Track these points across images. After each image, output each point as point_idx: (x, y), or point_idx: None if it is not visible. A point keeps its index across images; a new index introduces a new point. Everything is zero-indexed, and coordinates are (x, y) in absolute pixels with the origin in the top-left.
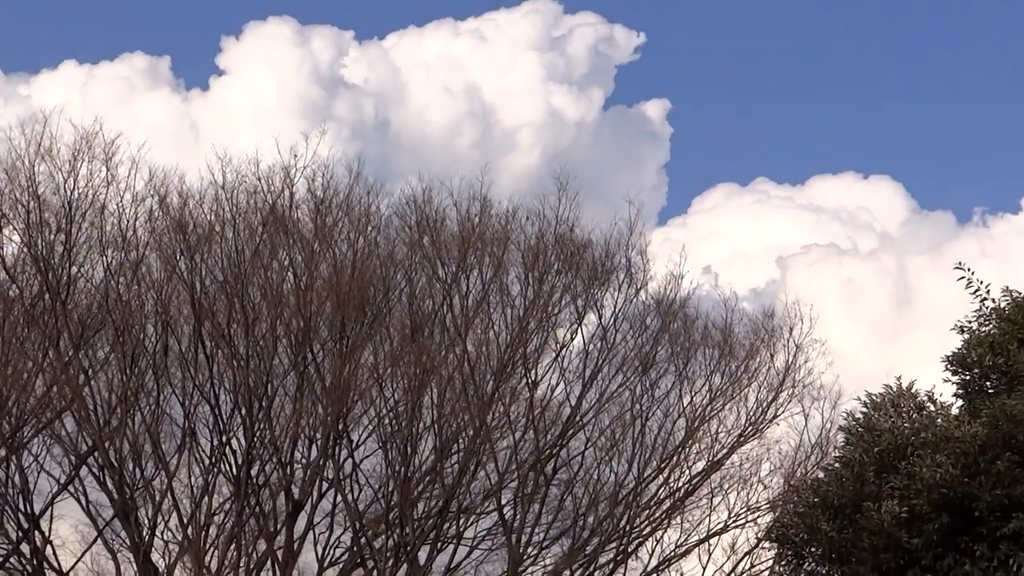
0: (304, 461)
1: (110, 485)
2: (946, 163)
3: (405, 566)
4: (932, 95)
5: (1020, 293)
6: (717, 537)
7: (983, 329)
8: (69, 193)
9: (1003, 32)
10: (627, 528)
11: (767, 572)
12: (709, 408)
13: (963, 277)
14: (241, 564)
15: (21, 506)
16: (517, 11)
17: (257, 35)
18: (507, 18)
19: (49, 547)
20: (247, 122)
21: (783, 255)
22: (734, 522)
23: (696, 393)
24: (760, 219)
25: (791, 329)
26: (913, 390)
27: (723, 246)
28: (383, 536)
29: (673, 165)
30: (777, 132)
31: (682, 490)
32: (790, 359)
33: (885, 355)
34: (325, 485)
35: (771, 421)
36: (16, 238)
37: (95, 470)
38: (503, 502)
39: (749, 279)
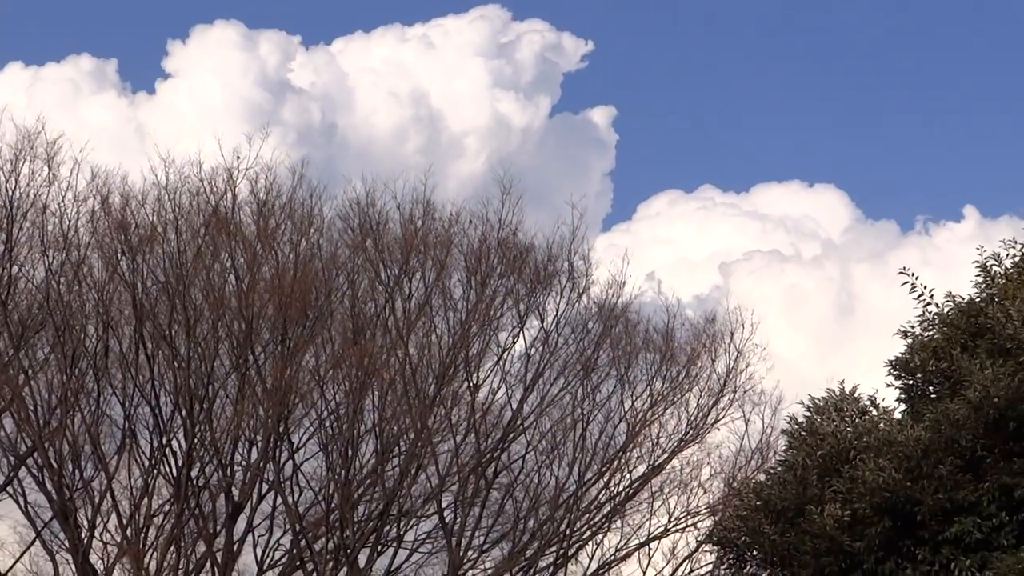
0: (244, 463)
1: (49, 486)
2: (891, 172)
3: (345, 568)
4: (878, 106)
5: (963, 298)
6: (657, 541)
7: (926, 334)
8: (10, 193)
9: (946, 45)
10: (567, 532)
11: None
12: (650, 412)
13: (907, 282)
14: (180, 566)
15: None
16: (465, 17)
17: (204, 39)
18: (455, 24)
19: None
20: (193, 126)
21: (726, 261)
22: (674, 526)
23: (637, 398)
24: (705, 226)
25: (732, 334)
26: (856, 395)
27: (667, 252)
28: (323, 538)
29: (618, 172)
30: (723, 140)
31: (622, 494)
32: (731, 364)
33: (827, 362)
34: (265, 487)
35: (712, 426)
36: None
37: (34, 471)
38: (443, 505)
39: (693, 285)
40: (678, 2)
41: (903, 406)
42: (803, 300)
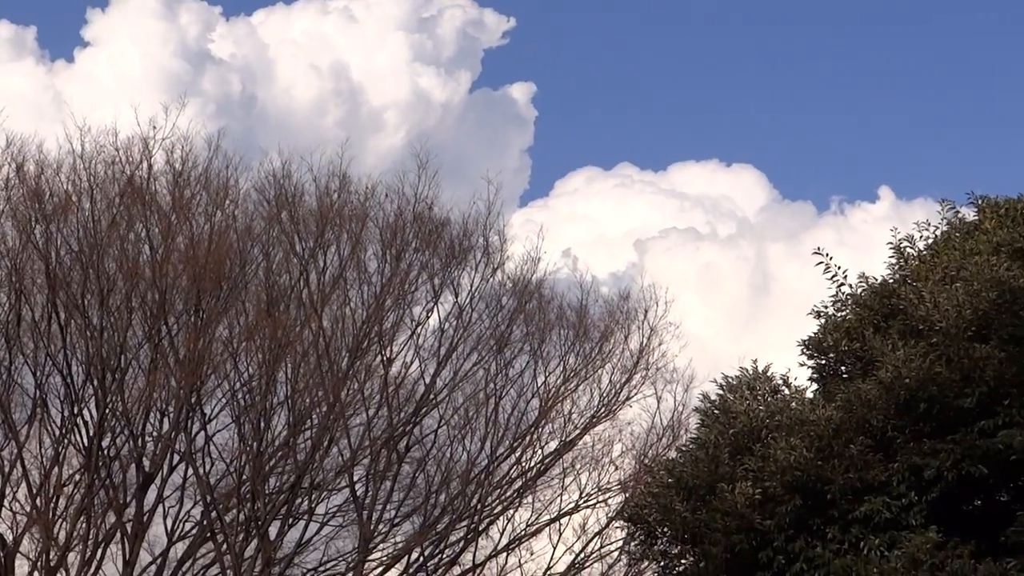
0: (156, 433)
1: None
2: (808, 153)
3: (255, 541)
4: (795, 87)
5: (877, 279)
6: (568, 517)
7: (839, 314)
8: None
9: (863, 28)
10: (478, 507)
11: (617, 552)
12: (563, 388)
13: (821, 262)
14: (90, 536)
15: None
16: None
17: (124, 8)
18: None
19: None
20: (112, 95)
21: (642, 238)
22: (585, 502)
23: (550, 373)
24: (622, 203)
25: (646, 312)
26: (768, 373)
27: (584, 229)
28: (234, 510)
29: (536, 148)
30: (642, 118)
31: (534, 470)
32: (644, 341)
33: (740, 340)
34: (176, 458)
35: (624, 403)
36: None
37: None
38: (355, 479)
39: (610, 263)
40: None
41: (815, 386)
42: (718, 278)
